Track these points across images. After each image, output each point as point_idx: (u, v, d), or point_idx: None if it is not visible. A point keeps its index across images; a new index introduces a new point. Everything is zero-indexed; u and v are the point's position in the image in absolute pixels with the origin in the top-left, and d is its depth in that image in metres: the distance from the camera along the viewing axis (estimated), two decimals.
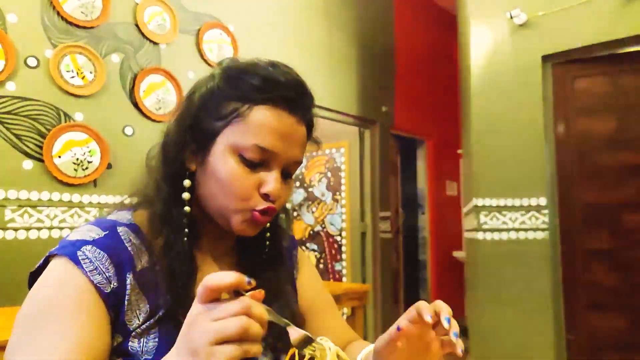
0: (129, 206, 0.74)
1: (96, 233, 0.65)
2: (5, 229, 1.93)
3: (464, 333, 3.07)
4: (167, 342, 0.61)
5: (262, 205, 0.67)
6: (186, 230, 0.68)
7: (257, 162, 0.66)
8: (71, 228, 2.09)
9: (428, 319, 0.61)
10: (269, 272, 0.76)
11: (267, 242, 0.78)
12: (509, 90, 2.75)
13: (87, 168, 2.14)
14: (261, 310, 0.48)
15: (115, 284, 0.62)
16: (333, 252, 4.08)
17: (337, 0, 3.64)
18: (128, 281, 0.63)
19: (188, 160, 0.70)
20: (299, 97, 0.69)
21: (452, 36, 3.84)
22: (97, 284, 0.60)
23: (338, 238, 4.06)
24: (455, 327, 0.62)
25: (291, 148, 0.68)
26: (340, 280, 3.99)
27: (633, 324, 2.49)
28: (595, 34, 2.53)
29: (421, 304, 0.63)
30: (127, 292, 0.63)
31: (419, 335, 0.65)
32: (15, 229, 1.95)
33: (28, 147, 2.01)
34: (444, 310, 0.62)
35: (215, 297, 0.48)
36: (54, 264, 0.62)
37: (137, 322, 0.63)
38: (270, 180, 0.67)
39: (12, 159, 1.97)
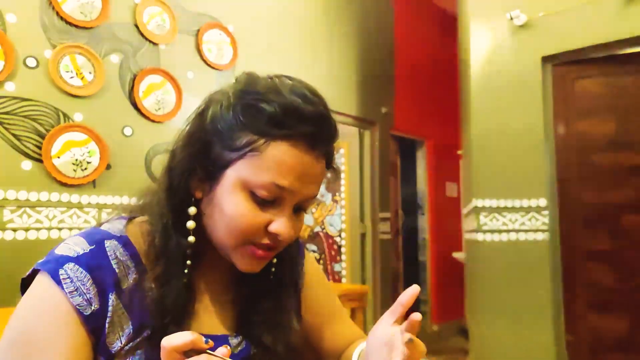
0: (126, 215, 0.71)
1: (81, 248, 0.62)
2: (4, 229, 1.93)
3: (463, 334, 3.06)
4: None
5: (265, 240, 0.63)
6: (188, 262, 0.65)
7: (269, 200, 0.61)
8: (70, 229, 2.09)
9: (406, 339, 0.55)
10: (268, 302, 0.73)
11: (272, 275, 0.74)
12: (508, 91, 2.75)
13: (86, 168, 2.14)
14: None
15: (96, 305, 0.60)
16: (332, 253, 4.08)
17: (337, 1, 3.64)
18: (110, 302, 0.60)
19: (195, 187, 0.65)
20: (323, 132, 0.64)
21: (452, 37, 3.84)
22: (77, 306, 0.58)
23: (337, 239, 4.05)
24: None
25: (308, 186, 0.63)
26: (339, 281, 3.98)
27: (633, 325, 2.49)
28: (595, 35, 2.53)
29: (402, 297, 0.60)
30: (109, 313, 0.60)
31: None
32: (14, 230, 1.95)
33: (27, 147, 2.00)
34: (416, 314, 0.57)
35: (176, 358, 0.49)
36: (38, 280, 0.61)
37: (120, 343, 0.61)
38: (281, 219, 0.62)
39: (11, 160, 1.96)
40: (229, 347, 0.51)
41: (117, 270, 0.62)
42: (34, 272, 0.63)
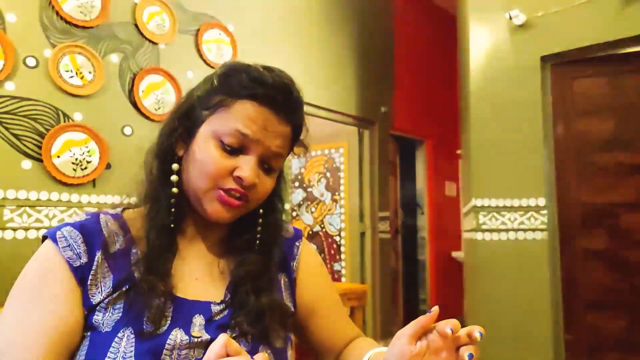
0: (124, 205, 0.79)
1: (80, 218, 0.72)
2: (4, 228, 1.93)
3: None
4: (130, 315, 0.65)
5: (230, 185, 0.69)
6: (172, 209, 0.72)
7: (236, 147, 0.69)
8: None
9: (448, 330, 0.59)
10: (253, 256, 0.77)
11: (258, 236, 0.78)
12: (507, 90, 2.75)
13: (86, 168, 2.14)
14: None
15: (84, 259, 0.67)
16: (332, 252, 4.08)
17: (336, 1, 3.64)
18: (96, 258, 0.68)
19: (177, 146, 0.74)
20: (284, 99, 0.71)
21: (452, 37, 3.84)
22: (68, 259, 0.66)
23: (337, 238, 4.06)
24: (473, 351, 0.60)
25: (271, 138, 0.70)
26: (339, 280, 3.99)
27: (631, 324, 2.49)
28: (594, 34, 2.53)
29: (452, 320, 0.61)
30: (94, 267, 0.67)
31: (438, 350, 0.62)
32: (14, 229, 1.95)
33: (27, 147, 2.00)
34: (477, 327, 0.60)
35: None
36: (42, 244, 0.70)
37: (100, 295, 0.67)
38: (245, 164, 0.69)
39: (11, 159, 1.96)
40: (266, 354, 0.54)
41: (106, 235, 0.70)
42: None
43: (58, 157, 2.07)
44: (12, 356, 0.60)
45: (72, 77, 2.13)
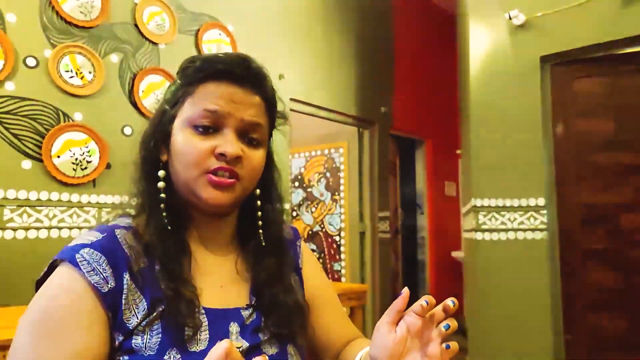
0: (129, 214, 0.76)
1: (94, 236, 0.67)
2: (4, 228, 1.93)
3: (462, 333, 3.07)
4: (169, 336, 0.63)
5: (216, 164, 0.68)
6: (164, 214, 0.71)
7: (209, 126, 0.69)
8: (70, 228, 2.09)
9: (423, 303, 0.62)
10: (270, 259, 0.77)
11: (261, 231, 0.78)
12: (507, 90, 2.75)
13: (86, 168, 2.14)
14: None
15: (112, 283, 0.64)
16: (332, 252, 4.08)
17: (336, 1, 3.64)
18: (125, 280, 0.65)
19: (160, 153, 0.73)
20: (243, 70, 0.71)
21: (451, 37, 3.84)
22: (95, 284, 0.62)
23: (337, 238, 4.06)
24: (451, 322, 0.63)
25: (242, 109, 0.70)
26: (339, 280, 3.99)
27: (632, 324, 2.49)
28: (593, 34, 2.53)
29: (427, 296, 0.63)
30: (124, 291, 0.64)
31: (419, 332, 0.63)
32: (14, 229, 1.95)
33: (27, 147, 2.00)
34: (450, 298, 0.63)
35: None
36: (57, 269, 0.65)
37: (136, 320, 0.64)
38: (223, 139, 0.68)
39: (11, 159, 1.96)
40: (266, 357, 0.53)
41: (128, 254, 0.67)
42: (50, 269, 0.67)
43: (58, 157, 2.07)
44: None
45: (72, 77, 2.14)
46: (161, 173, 0.72)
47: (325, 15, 3.53)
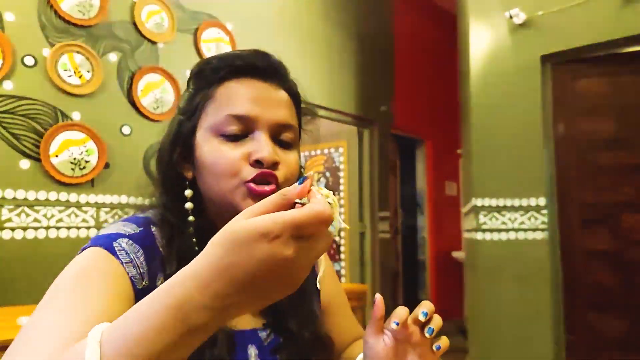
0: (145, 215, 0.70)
1: (131, 228, 0.62)
2: (2, 228, 1.92)
3: (463, 333, 3.06)
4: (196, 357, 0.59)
5: (253, 173, 0.61)
6: (194, 239, 0.65)
7: (239, 133, 0.63)
8: (68, 228, 2.08)
9: (393, 325, 0.60)
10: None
11: None
12: (508, 90, 2.74)
13: (84, 167, 2.13)
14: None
15: (146, 282, 0.59)
16: (331, 252, 4.07)
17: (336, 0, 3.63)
18: (158, 283, 0.59)
19: (184, 170, 0.67)
20: (265, 62, 0.67)
21: (452, 36, 3.83)
22: (132, 277, 0.57)
23: (337, 238, 4.05)
24: (433, 324, 0.62)
25: (271, 109, 0.64)
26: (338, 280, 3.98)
27: (632, 324, 2.49)
28: (594, 34, 2.52)
29: (397, 310, 0.62)
30: None
31: (406, 337, 0.63)
32: (12, 229, 1.94)
33: (25, 146, 1.99)
34: (423, 305, 0.62)
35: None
36: (88, 252, 0.57)
37: None
38: (257, 145, 0.62)
39: (9, 158, 1.95)
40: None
41: (163, 254, 0.62)
42: None
43: (56, 156, 2.06)
44: (52, 340, 0.45)
45: (70, 76, 2.13)
46: (188, 192, 0.66)
47: (325, 14, 3.52)
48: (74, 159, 2.10)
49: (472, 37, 2.87)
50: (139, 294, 0.56)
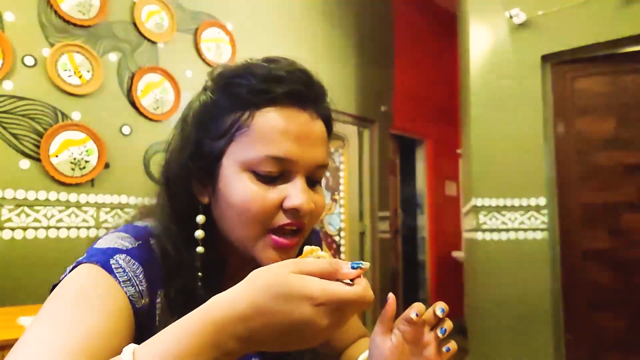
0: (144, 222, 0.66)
1: (129, 242, 0.57)
2: (2, 228, 1.92)
3: (462, 333, 3.06)
4: None
5: (283, 220, 0.57)
6: (200, 274, 0.60)
7: (275, 175, 0.57)
8: (68, 228, 2.08)
9: (413, 315, 0.60)
10: None
11: None
12: (508, 90, 2.74)
13: (84, 167, 2.13)
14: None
15: (146, 299, 0.55)
16: (331, 252, 4.07)
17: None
18: (158, 299, 0.57)
19: (199, 193, 0.61)
20: (308, 88, 0.60)
21: (452, 36, 3.83)
22: (130, 297, 0.53)
23: (337, 238, 4.05)
24: (446, 325, 0.62)
25: (311, 150, 0.58)
26: None
27: (632, 324, 2.49)
28: (594, 33, 2.52)
29: (416, 304, 0.62)
30: (157, 311, 0.57)
31: (415, 337, 0.63)
32: (12, 229, 1.94)
33: (25, 146, 2.00)
34: (439, 304, 0.62)
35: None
36: (82, 268, 0.54)
37: None
38: (295, 191, 0.57)
39: (9, 158, 1.96)
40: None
41: (165, 268, 0.59)
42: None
43: (56, 156, 2.06)
44: (50, 355, 0.44)
45: (70, 76, 2.13)
46: (200, 219, 0.60)
47: (325, 15, 3.52)
48: (74, 159, 2.10)
49: (473, 37, 2.87)
50: (137, 313, 0.54)
